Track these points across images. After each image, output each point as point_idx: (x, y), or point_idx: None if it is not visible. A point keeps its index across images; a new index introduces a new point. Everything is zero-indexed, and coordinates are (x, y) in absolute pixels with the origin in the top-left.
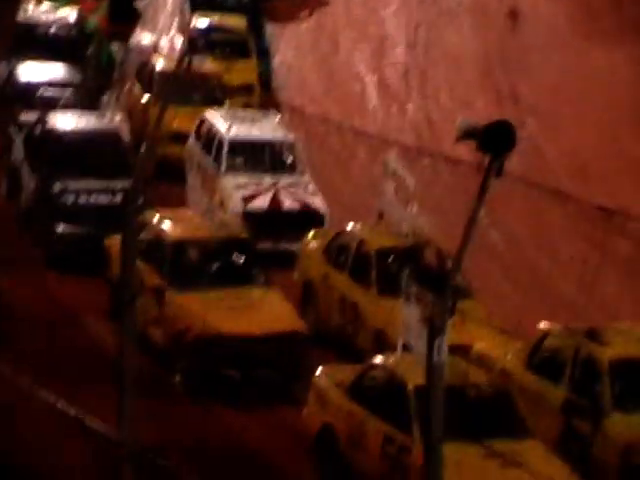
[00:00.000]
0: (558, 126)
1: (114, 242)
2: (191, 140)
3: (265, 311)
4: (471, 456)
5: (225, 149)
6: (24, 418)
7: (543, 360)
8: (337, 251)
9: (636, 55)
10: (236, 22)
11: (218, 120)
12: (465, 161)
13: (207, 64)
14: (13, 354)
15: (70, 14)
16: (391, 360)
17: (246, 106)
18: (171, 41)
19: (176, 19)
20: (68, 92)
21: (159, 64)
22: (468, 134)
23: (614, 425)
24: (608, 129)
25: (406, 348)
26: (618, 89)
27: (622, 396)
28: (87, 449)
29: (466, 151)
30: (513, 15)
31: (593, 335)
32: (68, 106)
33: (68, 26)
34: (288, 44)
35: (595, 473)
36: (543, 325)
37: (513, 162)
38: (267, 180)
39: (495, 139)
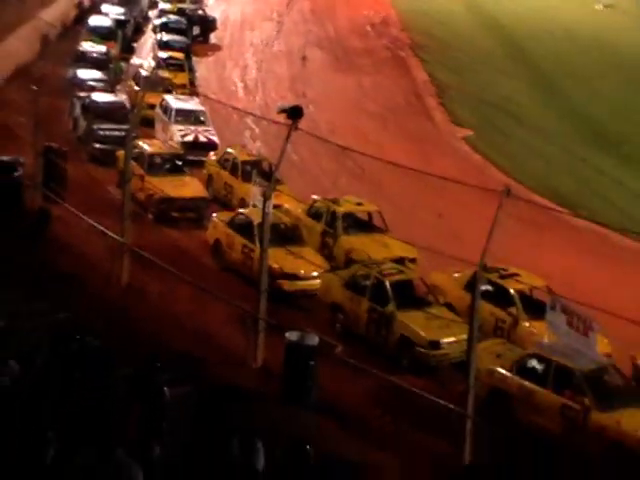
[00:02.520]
0: (323, 110)
1: (121, 153)
2: (157, 108)
3: (190, 186)
4: (280, 253)
5: (173, 113)
6: (78, 235)
7: (313, 212)
8: (223, 161)
9: (359, 79)
10: (179, 55)
11: (170, 99)
12: (282, 123)
13: (165, 74)
14: (71, 202)
15: (102, 47)
16: (247, 211)
17: (183, 94)
18: (149, 62)
19: (151, 53)
20: (101, 84)
21: (143, 73)
22: (283, 110)
23: (342, 241)
24: (345, 113)
25: (254, 206)
26: (352, 95)
27: (346, 227)
28: (105, 247)
29: (282, 118)
30: (304, 58)
31: (335, 201)
32: (101, 90)
33: (101, 53)
34: (202, 66)
35: (334, 261)
36: (314, 197)
37: (302, 124)
38: (192, 128)
39: (294, 113)
